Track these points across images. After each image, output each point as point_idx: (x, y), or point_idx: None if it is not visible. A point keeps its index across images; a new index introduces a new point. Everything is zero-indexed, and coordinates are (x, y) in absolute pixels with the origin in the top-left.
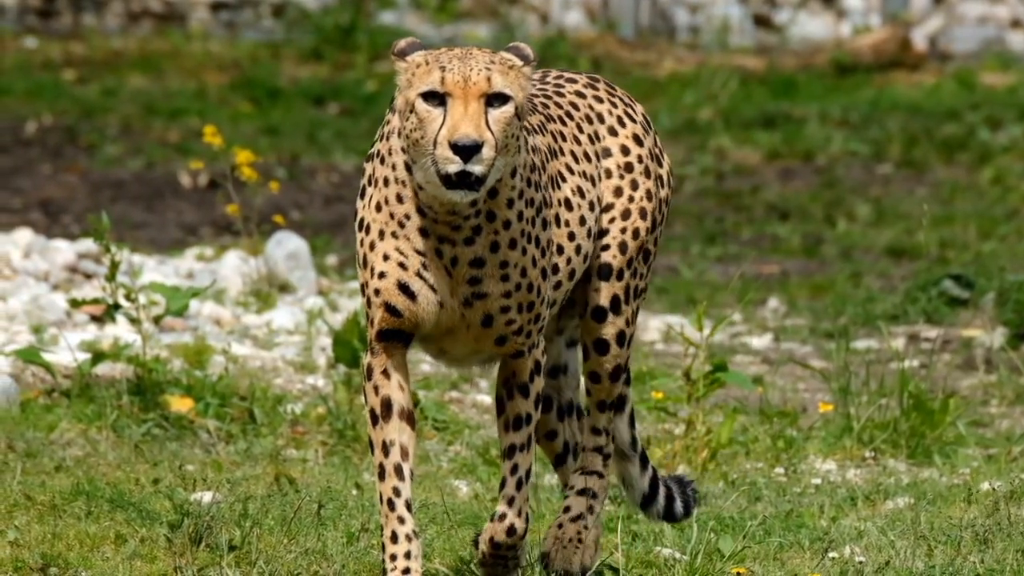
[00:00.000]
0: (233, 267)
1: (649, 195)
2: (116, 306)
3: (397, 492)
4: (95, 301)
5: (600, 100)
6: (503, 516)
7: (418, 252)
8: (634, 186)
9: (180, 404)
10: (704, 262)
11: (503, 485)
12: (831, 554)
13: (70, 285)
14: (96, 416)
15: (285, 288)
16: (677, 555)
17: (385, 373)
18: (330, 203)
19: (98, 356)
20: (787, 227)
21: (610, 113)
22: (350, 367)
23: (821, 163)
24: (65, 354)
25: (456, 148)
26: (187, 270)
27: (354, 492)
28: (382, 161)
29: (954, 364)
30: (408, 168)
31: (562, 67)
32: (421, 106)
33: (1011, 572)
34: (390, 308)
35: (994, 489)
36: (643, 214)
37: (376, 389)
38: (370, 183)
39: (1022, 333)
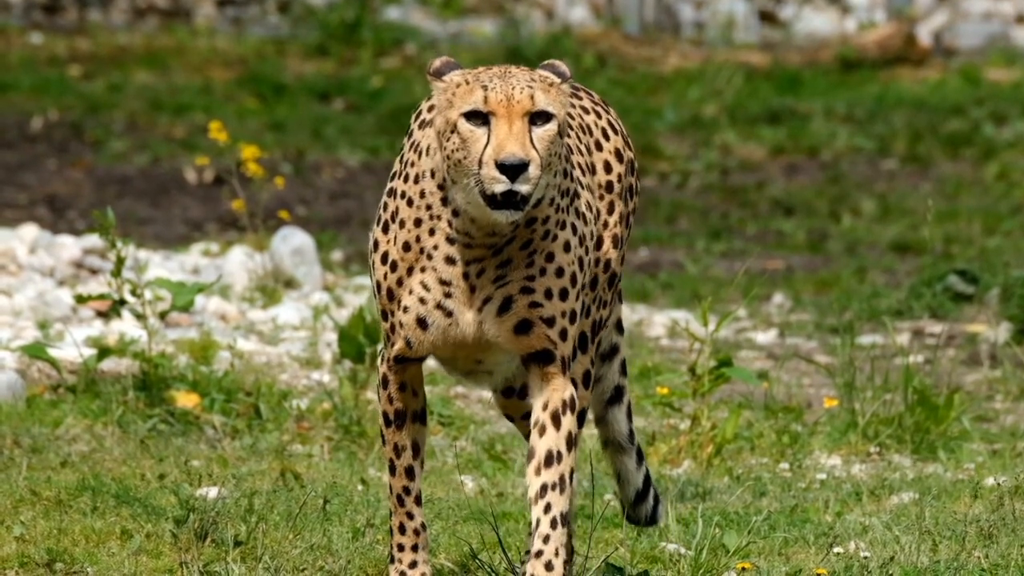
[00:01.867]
0: (239, 263)
1: (622, 218)
2: (122, 302)
3: (407, 491)
4: (101, 297)
5: (587, 111)
6: (540, 552)
7: (442, 282)
8: (611, 209)
9: (186, 400)
10: (709, 257)
11: (537, 524)
12: (836, 549)
13: (76, 281)
14: (102, 412)
15: (291, 284)
16: (682, 550)
17: (401, 387)
18: (336, 199)
19: (104, 352)
20: (792, 223)
21: (596, 125)
22: (356, 363)
23: (826, 159)
24: (71, 350)
25: (503, 167)
26: (193, 266)
27: (360, 487)
28: (410, 203)
29: (959, 359)
30: (444, 202)
31: (567, 64)
32: (464, 126)
33: (1016, 567)
34: (408, 341)
35: (999, 484)
36: (616, 242)
37: (391, 399)
38: (393, 221)
39: None
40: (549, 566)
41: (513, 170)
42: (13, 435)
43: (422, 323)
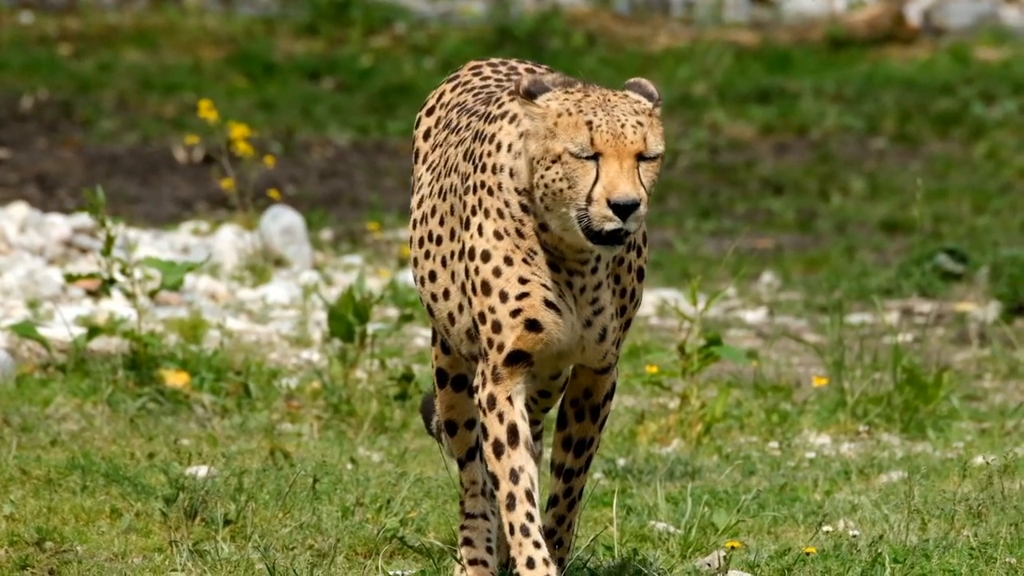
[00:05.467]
0: (228, 242)
1: None
2: (111, 281)
3: (531, 517)
4: (90, 276)
5: None
6: (551, 531)
7: (554, 281)
8: None
9: (175, 378)
10: (698, 236)
11: (553, 503)
12: (825, 528)
13: (65, 260)
14: (91, 391)
15: (280, 263)
16: (671, 529)
17: (510, 400)
18: (325, 178)
19: (93, 331)
20: (781, 201)
21: None
22: (345, 341)
23: (815, 138)
24: (60, 329)
25: (616, 208)
26: (182, 244)
27: (349, 466)
28: (490, 192)
29: (948, 338)
30: (524, 209)
31: (557, 43)
32: (570, 160)
33: (1004, 546)
34: (532, 324)
35: (988, 463)
36: None
37: (501, 416)
38: (475, 214)
39: (1015, 307)
40: (559, 543)
41: (626, 210)
42: (3, 414)
43: (551, 306)
